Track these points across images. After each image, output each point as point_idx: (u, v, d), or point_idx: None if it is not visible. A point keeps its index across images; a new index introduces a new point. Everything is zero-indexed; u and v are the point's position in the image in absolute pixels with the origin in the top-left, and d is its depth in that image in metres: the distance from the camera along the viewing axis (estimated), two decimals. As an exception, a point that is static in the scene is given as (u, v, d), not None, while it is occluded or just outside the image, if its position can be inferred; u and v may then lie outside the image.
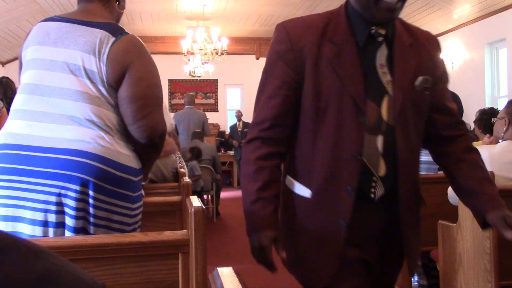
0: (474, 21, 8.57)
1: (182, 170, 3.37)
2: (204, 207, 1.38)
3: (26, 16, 8.81)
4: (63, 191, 1.64)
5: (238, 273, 0.75)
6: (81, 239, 1.44)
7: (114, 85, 1.76)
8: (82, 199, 1.66)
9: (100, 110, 1.72)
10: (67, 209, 1.66)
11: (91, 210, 1.67)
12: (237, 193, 11.00)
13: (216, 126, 12.75)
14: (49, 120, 1.68)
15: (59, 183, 1.64)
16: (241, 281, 0.71)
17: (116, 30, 1.79)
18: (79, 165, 1.64)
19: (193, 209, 1.35)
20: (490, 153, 2.63)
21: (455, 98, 3.98)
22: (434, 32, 9.63)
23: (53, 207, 1.65)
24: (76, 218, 1.66)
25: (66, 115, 1.69)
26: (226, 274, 0.73)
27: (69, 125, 1.68)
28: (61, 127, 1.67)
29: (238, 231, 6.64)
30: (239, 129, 12.06)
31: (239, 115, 12.30)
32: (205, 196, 7.48)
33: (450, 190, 2.83)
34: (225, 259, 4.98)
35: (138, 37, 1.84)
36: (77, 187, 1.64)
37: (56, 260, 0.50)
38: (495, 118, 2.93)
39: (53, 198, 1.65)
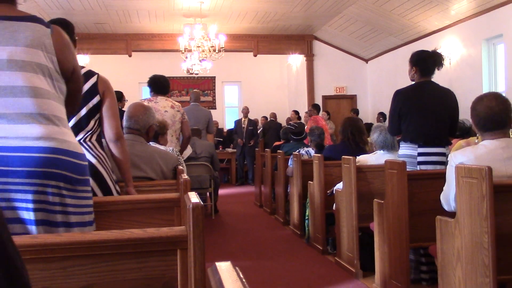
0: (471, 17, 8.57)
1: (181, 167, 3.36)
2: (202, 203, 1.38)
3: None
4: (41, 188, 1.66)
5: (236, 268, 0.75)
6: (79, 235, 1.44)
7: (64, 74, 1.84)
8: (58, 193, 1.70)
9: (52, 104, 1.75)
10: (52, 206, 1.69)
11: (68, 201, 1.72)
12: (235, 190, 11.00)
13: (215, 123, 12.72)
14: (5, 120, 1.67)
15: (37, 181, 1.66)
16: (239, 275, 0.71)
17: (43, 22, 1.83)
18: (50, 161, 1.67)
19: (191, 205, 1.35)
20: (475, 154, 2.64)
21: (451, 95, 3.98)
22: (431, 28, 9.65)
23: (34, 205, 1.67)
24: (56, 212, 1.71)
25: (22, 113, 1.69)
26: (225, 269, 0.73)
27: (27, 123, 1.68)
28: (20, 126, 1.67)
29: (237, 228, 6.65)
30: (243, 125, 12.02)
31: (245, 112, 12.25)
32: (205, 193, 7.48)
33: (442, 197, 2.84)
34: (223, 255, 4.99)
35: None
36: (54, 183, 1.68)
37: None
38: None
39: (34, 196, 1.66)
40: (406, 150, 3.85)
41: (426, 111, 3.81)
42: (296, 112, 11.28)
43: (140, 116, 3.22)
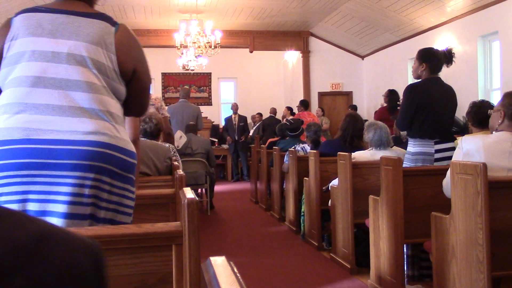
0: (467, 14, 8.58)
1: (176, 163, 3.36)
2: (197, 199, 1.38)
3: (19, 9, 8.74)
4: (87, 182, 1.64)
5: (231, 263, 0.75)
6: (74, 230, 1.44)
7: (123, 74, 1.81)
8: (101, 187, 1.67)
9: (106, 100, 1.74)
10: (95, 200, 1.66)
11: (105, 195, 1.69)
12: (231, 186, 11.01)
13: (209, 121, 12.69)
14: (57, 112, 1.67)
15: (83, 174, 1.64)
16: (234, 270, 0.71)
17: (110, 20, 1.82)
18: (99, 155, 1.66)
19: (186, 201, 1.35)
20: (484, 142, 2.65)
21: (454, 92, 4.02)
22: (427, 25, 9.66)
23: (79, 199, 1.64)
24: (105, 209, 1.69)
25: (74, 106, 1.68)
26: (219, 263, 0.73)
27: (79, 117, 1.67)
28: (71, 119, 1.67)
29: (232, 224, 6.65)
30: (234, 122, 11.96)
31: (235, 108, 12.16)
32: (199, 190, 7.48)
33: (444, 182, 2.84)
34: (218, 252, 4.99)
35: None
36: (98, 176, 1.66)
37: (50, 224, 0.52)
38: (491, 110, 2.96)
39: (79, 190, 1.64)
40: (420, 147, 3.79)
41: (439, 106, 3.82)
42: (289, 109, 11.27)
43: None
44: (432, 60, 3.87)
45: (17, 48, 1.74)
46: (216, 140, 12.56)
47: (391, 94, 8.21)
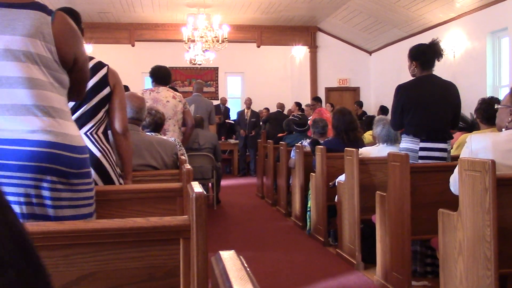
0: (476, 10, 8.53)
1: (183, 157, 3.37)
2: (205, 193, 1.38)
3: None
4: (36, 183, 1.64)
5: (241, 257, 0.75)
6: (82, 224, 1.45)
7: (64, 64, 1.78)
8: (51, 188, 1.67)
9: (49, 95, 1.70)
10: (44, 200, 1.66)
11: (63, 195, 1.69)
12: (237, 181, 11.01)
13: (217, 114, 12.69)
14: (0, 112, 1.64)
15: (29, 175, 1.63)
16: (244, 264, 0.71)
17: (45, 9, 1.77)
18: (44, 155, 1.64)
19: (194, 195, 1.35)
20: (494, 140, 2.61)
21: (453, 89, 3.96)
22: (436, 21, 9.60)
23: (25, 199, 1.65)
24: (47, 206, 1.68)
25: (18, 104, 1.65)
26: (229, 257, 0.73)
27: (23, 115, 1.65)
28: (15, 118, 1.64)
29: (239, 218, 6.66)
30: (246, 117, 11.95)
31: (248, 103, 12.13)
32: (205, 184, 7.49)
33: (452, 178, 2.82)
34: (225, 246, 5.00)
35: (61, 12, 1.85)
36: (47, 177, 1.65)
37: None
38: (498, 105, 2.89)
39: (26, 190, 1.64)
40: (407, 143, 3.81)
41: (428, 105, 3.77)
42: (298, 104, 11.25)
43: (136, 106, 3.24)
44: (421, 57, 3.83)
45: None
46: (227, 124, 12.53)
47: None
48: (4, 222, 0.48)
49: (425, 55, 3.82)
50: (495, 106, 2.89)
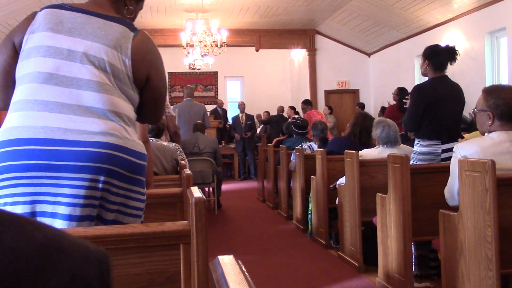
0: (474, 10, 8.53)
1: (183, 162, 3.37)
2: (204, 197, 1.38)
3: (25, 10, 8.77)
4: (92, 184, 1.63)
5: (239, 261, 0.75)
6: (81, 230, 1.45)
7: (136, 80, 1.80)
8: (106, 189, 1.66)
9: (116, 101, 1.73)
10: (100, 202, 1.65)
11: (112, 198, 1.68)
12: (238, 185, 11.01)
13: (218, 118, 12.71)
14: (66, 111, 1.65)
15: (88, 176, 1.62)
16: (242, 268, 0.71)
17: (131, 25, 1.83)
18: (104, 156, 1.64)
19: (194, 200, 1.35)
20: (481, 146, 2.62)
21: (461, 90, 4.00)
22: (434, 22, 9.61)
23: (83, 201, 1.63)
24: (110, 210, 1.67)
25: (84, 106, 1.67)
26: (227, 262, 0.73)
27: (88, 116, 1.66)
28: (80, 119, 1.66)
29: (239, 223, 6.65)
30: (241, 121, 11.99)
31: (242, 107, 12.19)
32: (206, 189, 7.49)
33: (446, 191, 2.83)
34: (226, 250, 4.99)
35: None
36: (103, 178, 1.64)
37: (54, 230, 0.50)
38: (475, 109, 2.90)
39: (83, 192, 1.62)
40: (425, 147, 3.78)
41: (447, 106, 3.80)
42: (293, 108, 11.27)
43: None
44: (434, 57, 3.86)
45: (35, 41, 1.73)
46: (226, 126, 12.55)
47: (401, 92, 8.20)
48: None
49: (438, 57, 3.85)
50: (473, 111, 2.91)
